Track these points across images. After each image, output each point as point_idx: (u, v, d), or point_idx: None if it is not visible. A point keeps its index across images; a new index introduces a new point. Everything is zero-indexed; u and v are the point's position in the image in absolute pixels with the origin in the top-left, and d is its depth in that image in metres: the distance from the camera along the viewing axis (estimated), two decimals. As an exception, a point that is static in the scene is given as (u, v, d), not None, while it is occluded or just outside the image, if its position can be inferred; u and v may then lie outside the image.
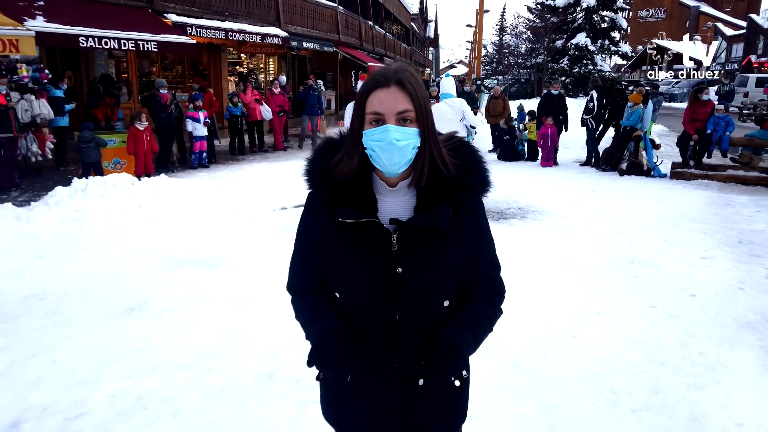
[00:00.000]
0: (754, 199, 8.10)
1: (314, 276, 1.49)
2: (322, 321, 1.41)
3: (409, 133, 1.29)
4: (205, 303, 4.46)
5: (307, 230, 1.48)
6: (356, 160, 1.34)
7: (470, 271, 1.45)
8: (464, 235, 1.41)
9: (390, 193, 1.39)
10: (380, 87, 1.30)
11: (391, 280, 1.35)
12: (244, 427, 2.84)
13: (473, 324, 1.41)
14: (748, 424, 2.84)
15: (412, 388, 1.42)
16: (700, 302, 4.40)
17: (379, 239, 1.35)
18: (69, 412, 2.98)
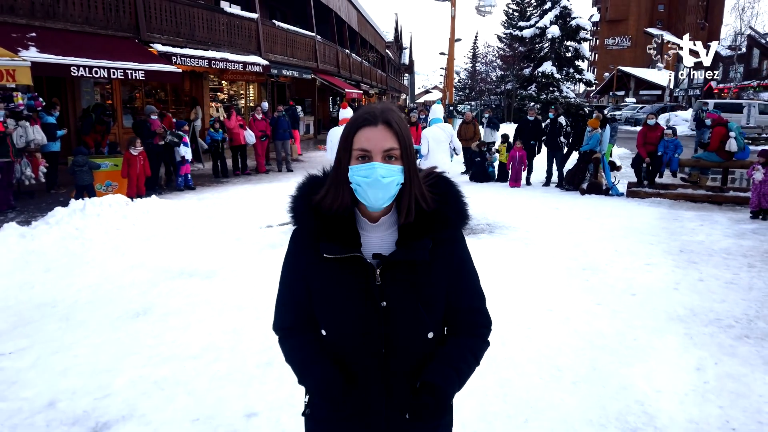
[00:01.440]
0: (700, 215, 8.92)
1: (302, 311, 1.50)
2: (314, 369, 1.44)
3: (394, 170, 1.34)
4: (204, 307, 4.97)
5: (293, 266, 1.50)
6: (347, 194, 1.38)
7: (453, 302, 1.47)
8: (444, 267, 1.44)
9: (372, 229, 1.43)
10: (368, 125, 1.36)
11: (376, 313, 1.37)
12: (249, 402, 3.36)
13: (457, 362, 1.43)
14: (665, 390, 3.47)
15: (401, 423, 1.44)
16: (639, 300, 5.07)
17: (364, 274, 1.38)
18: (96, 393, 3.47)
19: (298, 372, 1.48)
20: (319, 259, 1.40)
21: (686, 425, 3.10)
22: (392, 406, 1.43)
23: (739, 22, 41.41)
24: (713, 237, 7.45)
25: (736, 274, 5.86)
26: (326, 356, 1.45)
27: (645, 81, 63.57)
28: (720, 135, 9.80)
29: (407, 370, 1.42)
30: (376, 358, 1.40)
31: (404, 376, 1.42)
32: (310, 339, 1.49)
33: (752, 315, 4.72)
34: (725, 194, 9.77)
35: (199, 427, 3.09)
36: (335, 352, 1.45)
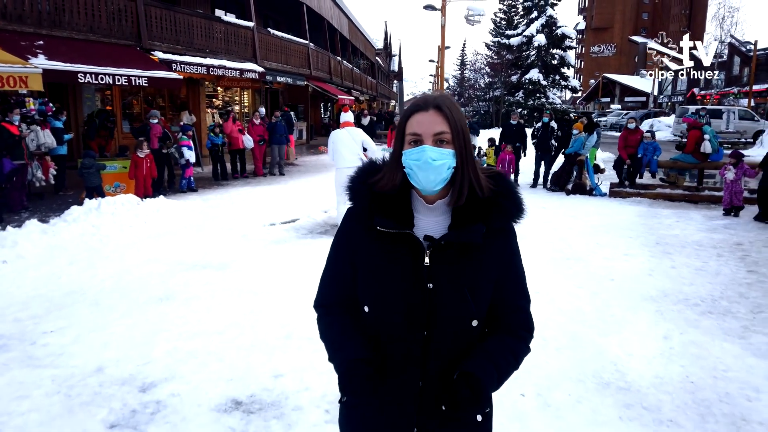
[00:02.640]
0: (677, 212, 9.52)
1: (343, 289, 1.51)
2: (347, 348, 1.42)
3: (444, 154, 1.35)
4: (222, 293, 5.43)
5: (342, 242, 1.52)
6: (399, 176, 1.41)
7: (499, 298, 1.46)
8: (495, 258, 1.43)
9: (427, 211, 1.43)
10: (420, 111, 1.39)
11: (422, 293, 1.36)
12: (274, 366, 3.83)
13: (497, 358, 1.40)
14: (636, 354, 4.00)
15: (435, 413, 1.41)
16: (617, 284, 5.61)
17: (413, 253, 1.38)
18: (138, 360, 3.93)
19: (330, 349, 1.48)
20: (372, 234, 1.41)
21: (652, 380, 3.62)
22: (427, 393, 1.40)
23: (720, 30, 42.57)
24: (687, 231, 8.03)
25: (706, 262, 6.43)
26: (361, 336, 1.44)
27: (630, 88, 64.71)
28: (695, 138, 10.43)
29: (447, 357, 1.40)
30: (417, 341, 1.38)
31: (443, 362, 1.40)
32: (347, 319, 1.50)
33: (717, 296, 5.28)
34: (701, 193, 10.40)
35: (233, 385, 3.56)
36: (375, 330, 1.43)
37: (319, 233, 8.16)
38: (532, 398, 3.37)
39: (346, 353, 1.41)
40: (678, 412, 3.25)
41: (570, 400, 3.36)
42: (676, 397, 3.40)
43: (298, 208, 9.80)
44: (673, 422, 3.13)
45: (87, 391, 3.51)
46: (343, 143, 7.84)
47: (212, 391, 3.49)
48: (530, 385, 3.53)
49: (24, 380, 3.67)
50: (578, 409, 3.27)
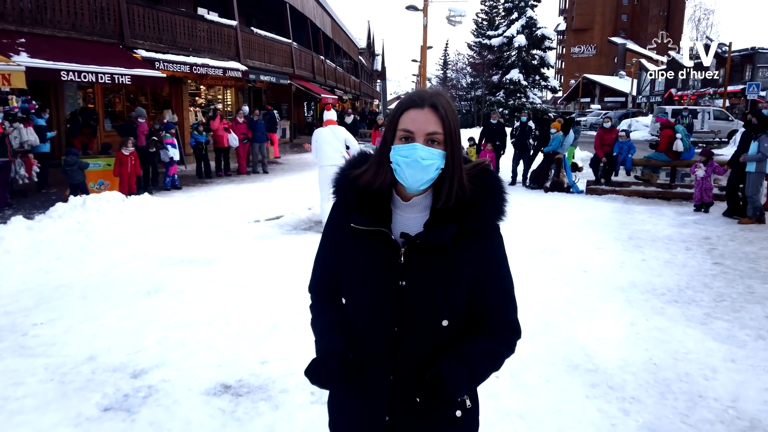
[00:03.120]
0: (650, 209, 9.85)
1: (331, 279, 1.53)
2: (326, 338, 1.46)
3: (434, 154, 1.34)
4: (208, 286, 5.57)
5: (328, 235, 1.53)
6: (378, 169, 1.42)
7: (477, 300, 1.43)
8: (470, 259, 1.40)
9: (405, 208, 1.43)
10: (415, 107, 1.36)
11: (394, 290, 1.38)
12: (261, 353, 4.00)
13: (470, 358, 1.38)
14: (604, 339, 4.24)
15: (410, 406, 1.41)
16: (590, 275, 5.87)
17: (388, 250, 1.39)
18: (129, 349, 4.07)
19: (316, 336, 1.53)
20: (351, 229, 1.43)
21: (618, 362, 3.86)
22: (398, 386, 1.42)
23: (696, 32, 43.45)
24: (659, 226, 8.35)
25: (674, 255, 6.72)
26: (343, 330, 1.47)
27: (609, 88, 65.66)
28: (668, 137, 10.78)
29: (417, 354, 1.40)
30: (388, 335, 1.39)
31: (413, 358, 1.40)
32: (333, 310, 1.52)
33: (683, 286, 5.56)
34: (673, 190, 10.76)
35: (222, 371, 3.72)
36: (351, 323, 1.47)
37: (303, 229, 8.31)
38: (505, 379, 3.58)
39: (324, 344, 1.45)
40: (640, 390, 3.48)
41: (540, 381, 3.58)
42: (639, 377, 3.64)
43: (282, 206, 9.93)
44: (636, 399, 3.37)
45: (80, 378, 3.65)
46: (326, 141, 8.00)
47: (202, 377, 3.65)
48: (504, 367, 3.72)
49: (17, 368, 3.79)
50: (548, 388, 3.49)
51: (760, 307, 4.93)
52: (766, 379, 3.62)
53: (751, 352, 4.03)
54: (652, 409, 3.26)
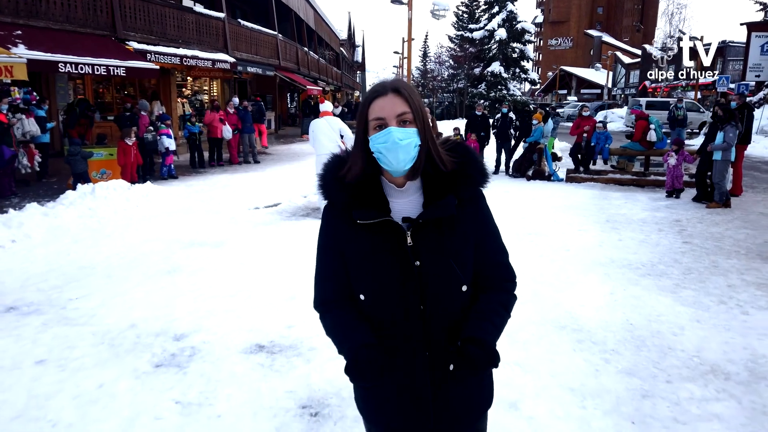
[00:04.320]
0: (625, 195, 10.51)
1: (340, 282, 1.56)
2: (352, 338, 1.48)
3: (410, 133, 1.41)
4: (224, 266, 6.01)
5: (328, 240, 1.56)
6: (361, 161, 1.47)
7: (481, 258, 1.54)
8: (471, 224, 1.51)
9: (399, 194, 1.50)
10: (379, 96, 1.44)
11: (411, 272, 1.43)
12: (286, 320, 4.47)
13: (491, 316, 1.50)
14: (587, 305, 4.81)
15: (444, 374, 1.50)
16: (572, 253, 6.45)
17: (396, 237, 1.44)
18: (165, 319, 4.51)
19: (337, 342, 1.53)
20: (353, 227, 1.47)
21: (599, 323, 4.43)
22: (435, 361, 1.48)
23: (669, 26, 44.61)
24: (634, 211, 8.99)
25: (648, 235, 7.35)
26: (363, 324, 1.50)
27: (586, 80, 66.79)
28: (642, 127, 11.45)
29: (446, 325, 1.48)
30: (416, 317, 1.45)
31: (444, 331, 1.48)
32: (347, 312, 1.54)
33: (655, 261, 6.17)
34: (647, 178, 11.44)
35: (254, 334, 4.19)
36: (374, 316, 1.51)
37: (301, 216, 8.76)
38: (502, 337, 4.07)
39: (351, 343, 1.47)
40: (619, 344, 4.06)
41: (533, 338, 4.13)
42: (618, 335, 4.22)
43: (278, 194, 10.36)
44: (615, 351, 3.94)
45: (127, 342, 4.10)
46: (322, 131, 8.43)
47: (237, 339, 4.12)
48: (501, 328, 4.28)
49: (67, 335, 4.21)
50: (540, 344, 4.04)
51: (722, 279, 5.56)
52: (725, 335, 4.22)
53: (713, 315, 4.64)
54: (629, 358, 3.83)
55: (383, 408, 1.57)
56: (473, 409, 1.59)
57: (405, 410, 1.52)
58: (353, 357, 1.43)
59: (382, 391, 1.55)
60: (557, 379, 3.53)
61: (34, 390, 3.39)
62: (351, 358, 1.44)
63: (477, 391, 1.59)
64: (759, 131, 21.66)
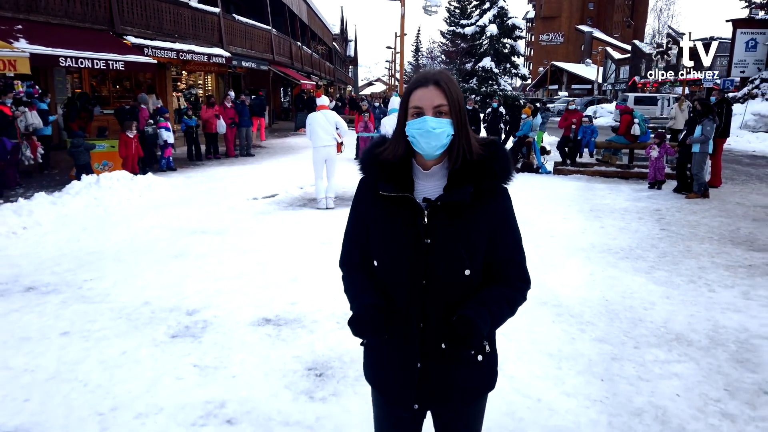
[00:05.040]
0: (610, 186, 10.93)
1: (363, 249, 1.71)
2: (362, 297, 1.63)
3: (443, 123, 1.52)
4: (228, 251, 6.35)
5: (357, 209, 1.72)
6: (402, 145, 1.59)
7: (493, 252, 1.61)
8: (486, 215, 1.57)
9: (425, 177, 1.61)
10: (421, 86, 1.56)
11: (421, 248, 1.54)
12: (289, 298, 4.82)
13: (490, 304, 1.56)
14: (568, 284, 5.20)
15: (437, 352, 1.60)
16: (556, 240, 6.85)
17: (413, 214, 1.55)
18: (176, 297, 4.86)
19: (350, 299, 1.69)
20: (379, 199, 1.60)
21: (578, 299, 4.82)
22: (427, 333, 1.59)
23: (658, 22, 45.14)
24: (617, 201, 9.41)
25: (629, 223, 7.76)
26: (375, 290, 1.65)
27: (576, 76, 67.29)
28: (627, 122, 11.87)
29: (443, 302, 1.58)
30: (418, 288, 1.57)
31: (440, 307, 1.58)
32: (364, 275, 1.71)
33: (633, 246, 6.58)
34: (631, 170, 11.87)
35: (260, 310, 4.55)
36: (383, 282, 1.65)
37: (298, 206, 9.10)
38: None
39: (360, 301, 1.62)
40: (595, 317, 4.45)
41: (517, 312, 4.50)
42: (594, 309, 4.61)
43: (274, 185, 10.67)
44: (590, 323, 4.33)
45: (143, 316, 4.44)
46: (319, 125, 8.75)
47: (244, 314, 4.47)
48: (488, 304, 4.66)
49: (86, 311, 4.55)
50: (523, 317, 4.40)
51: (694, 261, 5.97)
52: (692, 309, 4.62)
53: (682, 292, 5.04)
54: (602, 328, 4.23)
55: (378, 372, 1.73)
56: (467, 391, 1.67)
57: (394, 377, 1.66)
58: (358, 313, 1.58)
59: (379, 355, 1.70)
60: (537, 346, 3.91)
61: (63, 357, 3.73)
62: (356, 313, 1.58)
63: (473, 374, 1.65)
64: (743, 126, 22.21)
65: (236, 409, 3.09)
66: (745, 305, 4.71)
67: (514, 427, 2.94)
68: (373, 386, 1.77)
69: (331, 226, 7.46)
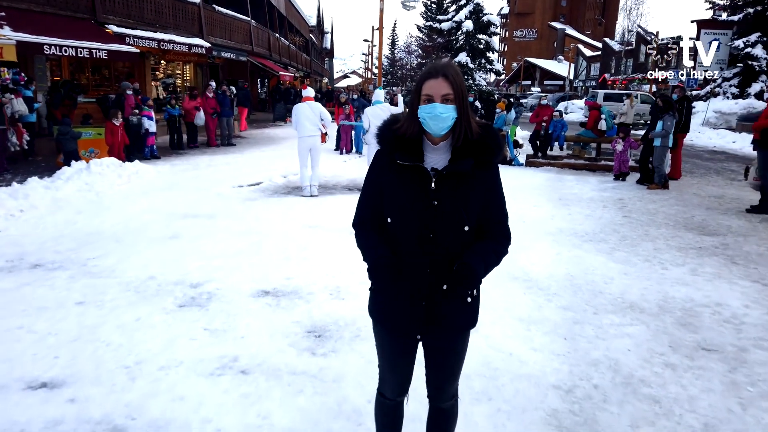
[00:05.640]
0: (578, 178, 11.57)
1: (375, 210, 2.03)
2: (378, 250, 1.97)
3: (449, 109, 1.85)
4: (221, 233, 6.71)
5: (373, 175, 2.04)
6: (415, 125, 1.92)
7: (485, 214, 1.97)
8: (482, 185, 1.93)
9: (433, 150, 1.94)
10: (431, 77, 1.88)
11: (429, 208, 1.89)
12: (285, 273, 5.23)
13: (484, 254, 1.94)
14: (537, 262, 5.73)
15: (439, 293, 1.96)
16: (527, 225, 7.39)
17: (424, 180, 1.89)
18: (179, 272, 5.23)
19: (365, 252, 2.02)
20: (394, 167, 1.93)
21: (546, 275, 5.35)
22: (433, 277, 1.93)
23: (627, 21, 46.37)
24: (584, 191, 10.04)
25: (594, 211, 8.36)
26: (386, 245, 1.99)
27: (549, 72, 68.53)
28: (594, 117, 12.53)
29: (446, 252, 1.91)
30: (425, 240, 1.90)
31: (443, 255, 1.91)
32: (377, 233, 2.03)
33: (597, 231, 7.16)
34: (598, 163, 12.55)
35: (259, 283, 4.96)
36: (396, 236, 1.97)
37: (283, 194, 9.47)
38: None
39: (375, 253, 1.96)
40: (560, 289, 4.98)
41: (491, 286, 4.97)
42: (560, 283, 5.15)
43: (258, 174, 11.00)
44: (556, 294, 4.87)
45: (150, 289, 4.81)
46: (304, 115, 9.13)
47: (245, 287, 4.88)
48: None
49: (95, 285, 4.90)
50: (496, 290, 4.91)
51: (651, 244, 6.58)
52: (646, 284, 5.19)
53: (638, 270, 5.62)
54: (567, 298, 4.77)
55: (387, 309, 2.06)
56: (459, 326, 2.05)
57: (403, 312, 2.00)
58: (374, 263, 1.95)
59: (389, 296, 2.03)
60: (509, 312, 4.43)
61: (83, 322, 4.10)
62: (372, 264, 1.96)
63: (464, 312, 2.03)
64: (704, 123, 23.23)
65: (248, 363, 3.52)
66: (692, 280, 5.31)
67: (491, 375, 3.44)
68: (379, 322, 2.13)
69: (316, 212, 7.89)
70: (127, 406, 3.02)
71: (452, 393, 2.24)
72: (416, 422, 2.75)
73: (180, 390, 3.18)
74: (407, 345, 2.13)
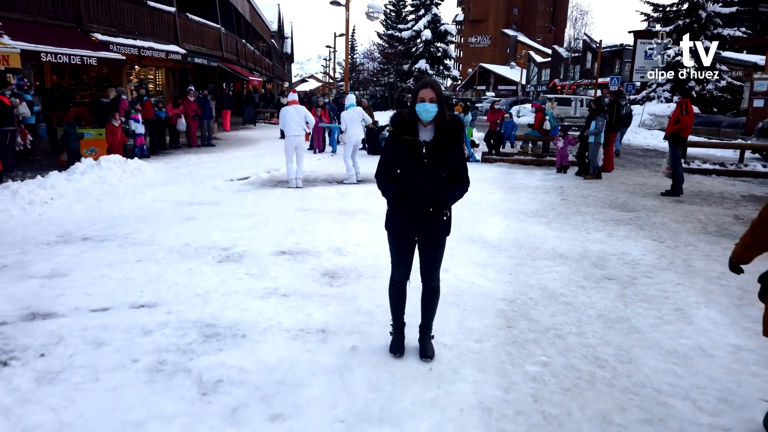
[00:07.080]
0: (526, 171, 13.27)
1: (388, 168, 3.38)
2: (392, 188, 3.34)
3: (434, 106, 3.19)
4: (229, 216, 7.97)
5: (388, 147, 3.38)
6: (414, 115, 3.23)
7: (454, 169, 3.33)
8: (453, 151, 3.27)
9: (424, 131, 3.28)
10: (424, 87, 3.21)
11: (422, 164, 3.22)
12: (294, 240, 6.58)
13: (454, 190, 3.35)
14: (490, 231, 7.25)
15: (428, 213, 3.31)
16: (483, 206, 8.94)
17: (419, 148, 3.23)
18: (207, 240, 6.50)
19: (384, 189, 3.39)
20: (400, 141, 3.27)
21: (497, 239, 6.88)
22: (424, 206, 3.27)
23: (573, 30, 49.25)
24: (531, 181, 11.71)
25: (537, 195, 10.01)
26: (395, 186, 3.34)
27: (503, 77, 71.27)
28: (540, 118, 14.28)
29: (432, 190, 3.25)
30: (420, 183, 3.24)
31: (431, 192, 3.26)
32: (390, 180, 3.39)
33: (539, 210, 8.77)
34: (543, 159, 14.30)
35: (275, 247, 6.28)
36: (402, 182, 3.30)
37: (271, 186, 10.75)
38: (438, 245, 6.46)
39: (390, 189, 3.35)
40: (509, 246, 6.51)
41: (456, 245, 6.46)
42: (508, 244, 6.68)
43: (243, 170, 12.23)
44: (505, 250, 6.39)
45: (190, 251, 6.09)
46: (291, 117, 10.46)
47: (264, 249, 6.20)
48: (436, 242, 6.62)
49: (144, 250, 6.13)
50: (461, 247, 6.39)
51: (580, 217, 8.22)
52: (573, 243, 6.77)
53: (568, 234, 7.21)
54: (513, 252, 6.30)
55: (398, 223, 3.42)
56: (440, 233, 3.45)
57: (407, 224, 3.38)
58: (391, 195, 3.36)
59: (399, 216, 3.39)
60: (470, 260, 5.92)
61: (149, 272, 5.36)
62: (390, 196, 3.37)
63: (442, 224, 3.41)
64: (641, 125, 25.57)
65: (286, 290, 4.89)
66: (608, 239, 6.95)
67: (459, 293, 4.91)
68: (392, 231, 3.47)
69: (305, 199, 9.23)
70: (210, 315, 4.35)
71: (436, 276, 3.67)
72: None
73: (244, 305, 4.53)
74: (409, 245, 3.55)
